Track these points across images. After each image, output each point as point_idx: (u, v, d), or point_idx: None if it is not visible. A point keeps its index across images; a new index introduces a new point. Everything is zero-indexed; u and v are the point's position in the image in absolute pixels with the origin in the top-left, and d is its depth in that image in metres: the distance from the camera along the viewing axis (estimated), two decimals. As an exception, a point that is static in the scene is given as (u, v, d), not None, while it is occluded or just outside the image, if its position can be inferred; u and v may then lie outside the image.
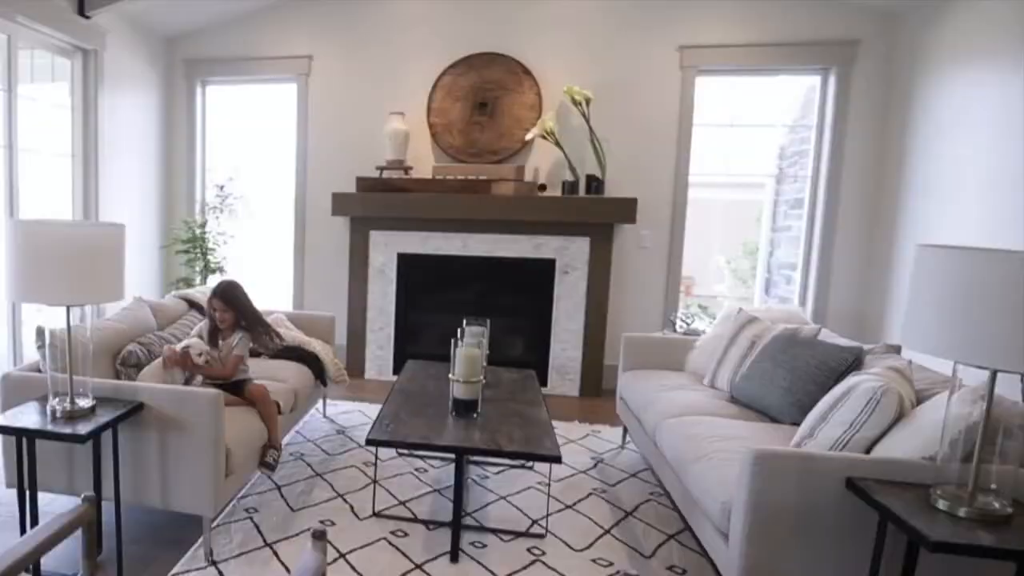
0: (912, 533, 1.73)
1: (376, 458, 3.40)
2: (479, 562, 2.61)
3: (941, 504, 1.85)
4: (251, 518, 2.88)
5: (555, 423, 4.22)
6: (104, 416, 2.30)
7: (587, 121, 4.98)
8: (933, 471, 1.96)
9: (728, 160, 5.68)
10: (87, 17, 4.45)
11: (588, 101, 4.98)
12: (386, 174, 5.19)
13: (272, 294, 5.56)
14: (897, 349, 2.99)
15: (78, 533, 1.40)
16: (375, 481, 3.21)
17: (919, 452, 2.10)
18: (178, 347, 2.87)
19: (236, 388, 2.96)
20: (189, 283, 5.14)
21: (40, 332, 2.51)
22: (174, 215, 5.72)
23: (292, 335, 3.81)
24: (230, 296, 3.02)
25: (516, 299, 5.37)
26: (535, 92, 5.24)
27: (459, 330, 3.21)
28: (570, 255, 5.15)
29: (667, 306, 5.26)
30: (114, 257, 2.29)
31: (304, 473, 3.39)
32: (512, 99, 5.28)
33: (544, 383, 5.22)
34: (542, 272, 5.20)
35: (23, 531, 2.26)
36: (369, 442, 2.59)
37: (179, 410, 2.44)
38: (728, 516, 2.21)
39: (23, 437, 2.24)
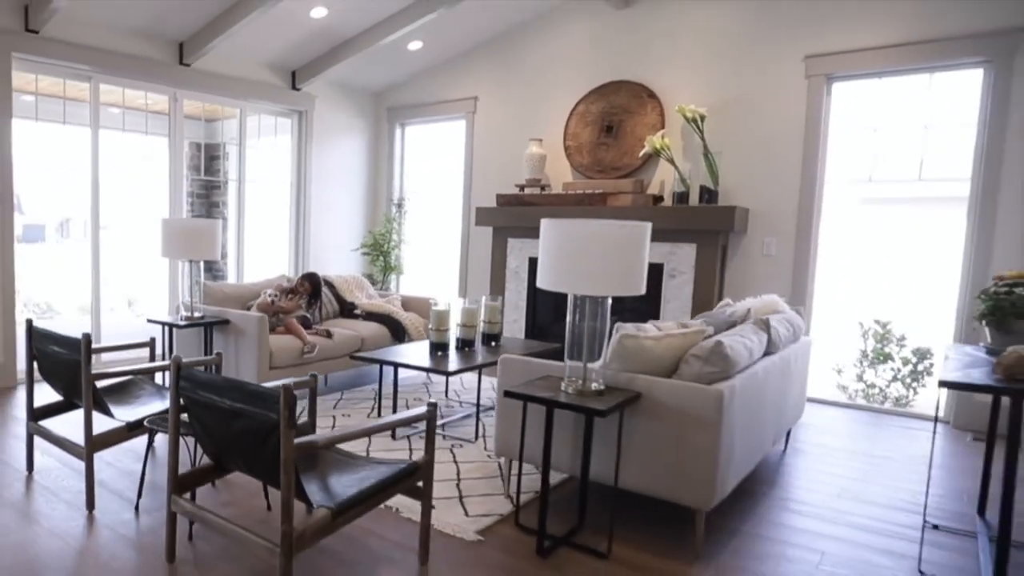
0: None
1: (428, 392, 5.47)
2: (409, 440, 4.40)
3: (563, 385, 3.21)
4: (304, 407, 5.10)
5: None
6: (201, 322, 4.79)
7: (701, 137, 6.27)
8: (580, 371, 3.28)
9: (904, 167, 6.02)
10: (298, 89, 7.37)
11: (702, 118, 6.27)
12: (525, 191, 7.12)
13: (441, 287, 7.91)
14: (765, 324, 4.04)
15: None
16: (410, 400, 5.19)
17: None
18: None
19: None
20: (371, 278, 7.71)
21: (197, 282, 5.10)
22: (374, 228, 8.45)
23: (388, 307, 6.07)
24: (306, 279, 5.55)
25: (628, 300, 6.81)
26: (658, 113, 6.69)
27: (464, 299, 5.05)
28: (677, 260, 6.42)
29: (790, 311, 6.11)
30: (210, 234, 4.80)
31: (372, 395, 5.49)
32: (635, 120, 6.81)
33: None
34: (651, 276, 6.53)
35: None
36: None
37: (243, 324, 4.86)
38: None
39: (163, 326, 4.89)
